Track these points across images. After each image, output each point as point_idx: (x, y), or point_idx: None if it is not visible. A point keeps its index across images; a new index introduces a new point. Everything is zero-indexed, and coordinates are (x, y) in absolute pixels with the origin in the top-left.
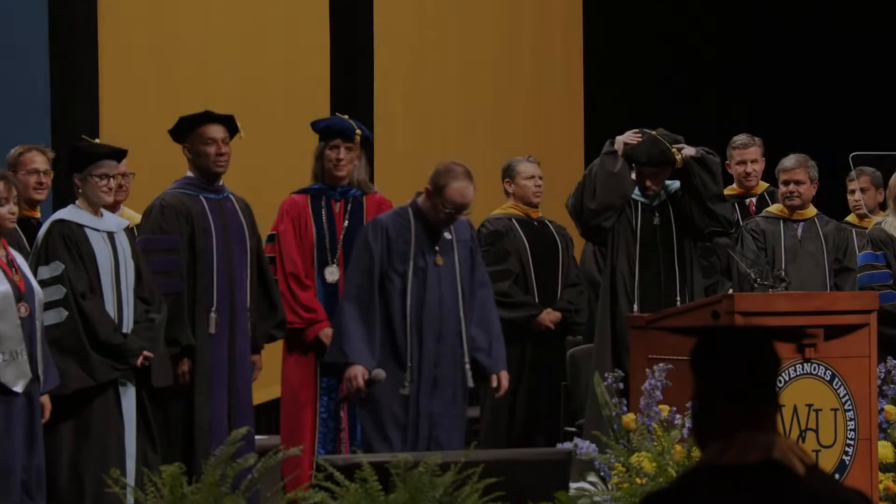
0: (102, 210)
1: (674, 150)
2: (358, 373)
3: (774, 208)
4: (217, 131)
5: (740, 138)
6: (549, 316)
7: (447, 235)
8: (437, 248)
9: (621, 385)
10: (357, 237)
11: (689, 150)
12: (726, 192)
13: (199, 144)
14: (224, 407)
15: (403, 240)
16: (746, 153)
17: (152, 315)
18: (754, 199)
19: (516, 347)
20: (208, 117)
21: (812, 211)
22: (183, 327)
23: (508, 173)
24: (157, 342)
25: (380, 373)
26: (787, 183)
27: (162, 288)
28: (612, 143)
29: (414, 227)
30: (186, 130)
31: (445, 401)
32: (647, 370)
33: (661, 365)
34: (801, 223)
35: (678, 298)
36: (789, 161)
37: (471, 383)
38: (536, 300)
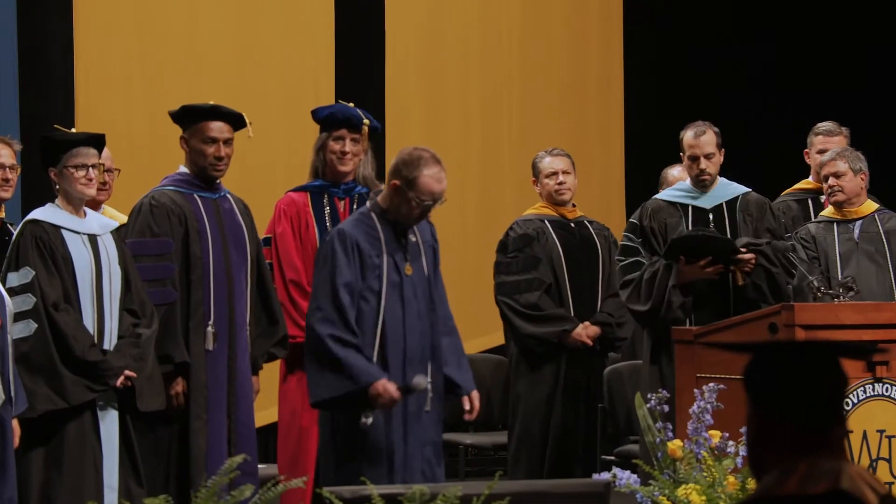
0: (86, 210)
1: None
2: (385, 385)
3: (828, 211)
4: (221, 130)
5: (826, 125)
6: (587, 331)
7: (412, 238)
8: (406, 255)
9: (666, 407)
10: (319, 251)
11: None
12: (799, 186)
13: (197, 141)
14: (223, 432)
15: (375, 252)
16: (831, 141)
17: (140, 330)
18: None
19: (549, 366)
20: (214, 112)
21: (869, 206)
22: (176, 343)
23: (533, 170)
24: (145, 360)
25: (421, 381)
26: (826, 178)
27: (152, 298)
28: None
29: (382, 234)
30: (187, 120)
31: (430, 427)
32: (696, 391)
33: (711, 385)
34: (857, 222)
35: (732, 310)
36: (829, 154)
37: (428, 407)
38: (572, 313)
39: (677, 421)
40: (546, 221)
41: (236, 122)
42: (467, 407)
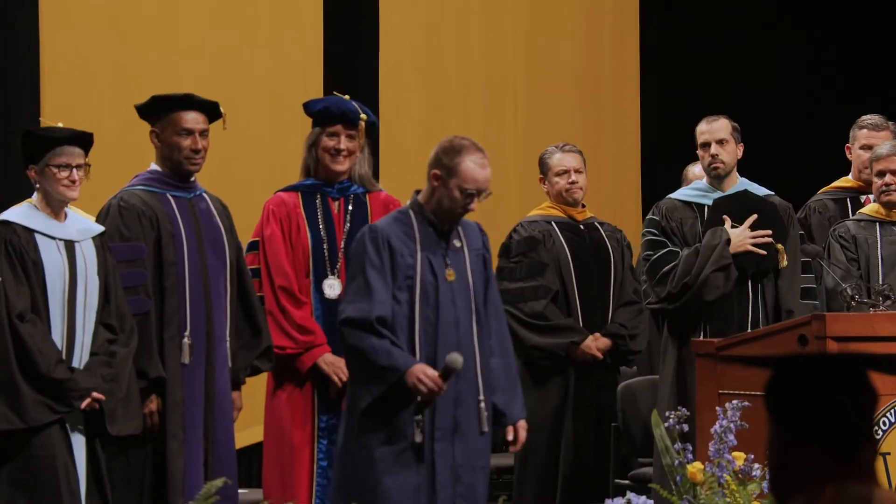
0: (67, 212)
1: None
2: (421, 371)
3: (870, 209)
4: (196, 121)
5: (871, 118)
6: (597, 343)
7: (456, 243)
8: (447, 259)
9: (685, 427)
10: (351, 250)
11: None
12: (838, 184)
13: (171, 134)
14: (200, 454)
15: (409, 251)
16: (877, 136)
17: (115, 347)
18: (871, 197)
19: (556, 381)
20: (188, 101)
21: None
22: (150, 357)
23: (541, 167)
24: (118, 381)
25: (457, 358)
26: (882, 174)
27: None
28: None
29: (419, 234)
30: (158, 112)
31: (469, 449)
32: (718, 408)
33: (734, 402)
34: None
35: (761, 320)
36: (884, 147)
37: (486, 427)
38: (580, 323)
39: (698, 442)
40: (553, 223)
41: (211, 112)
42: (510, 438)
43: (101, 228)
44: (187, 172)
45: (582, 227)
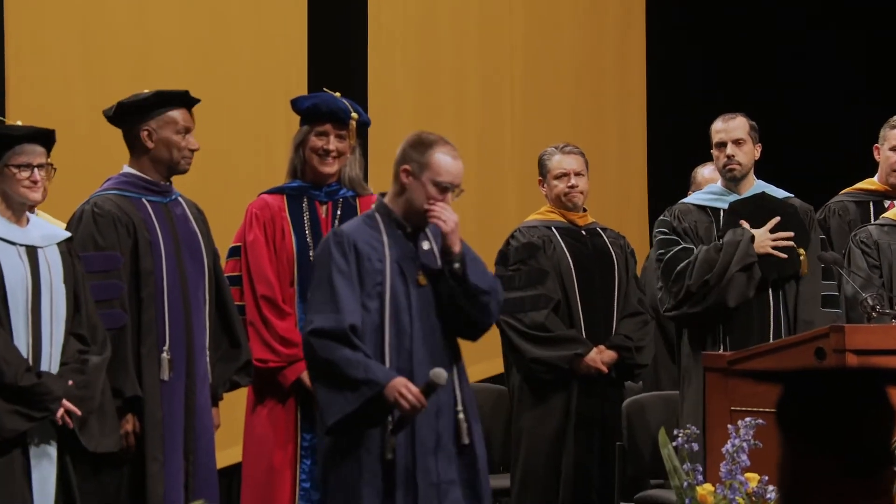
0: (30, 216)
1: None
2: (403, 385)
3: (893, 213)
4: (187, 118)
5: None
6: (601, 355)
7: (425, 245)
8: (417, 263)
9: (695, 446)
10: (316, 256)
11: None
12: (861, 185)
13: (167, 132)
14: (180, 477)
15: (377, 256)
16: None
17: (87, 357)
18: None
19: (557, 397)
20: (188, 99)
21: None
22: (126, 374)
23: (540, 169)
24: (91, 390)
25: (440, 373)
26: None
27: None
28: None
29: (387, 237)
30: (155, 109)
31: (452, 462)
32: (730, 426)
33: (747, 420)
34: None
35: (783, 331)
36: None
37: (465, 439)
38: (583, 334)
39: (708, 462)
40: (553, 228)
41: (189, 107)
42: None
43: (66, 234)
44: (181, 172)
45: (583, 232)
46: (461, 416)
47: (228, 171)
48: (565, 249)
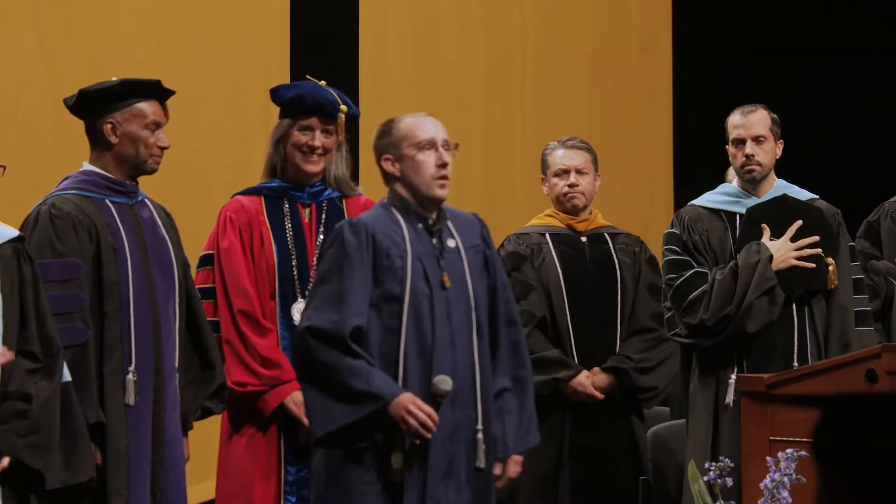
0: None
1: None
2: (411, 401)
3: None
4: (160, 113)
5: None
6: (594, 379)
7: (450, 242)
8: (440, 262)
9: (729, 481)
10: (325, 246)
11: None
12: None
13: (134, 126)
14: None
15: (398, 252)
16: None
17: (30, 389)
18: None
19: (548, 427)
20: (160, 90)
21: None
22: (88, 398)
23: (542, 165)
24: (45, 432)
25: (444, 379)
26: None
27: None
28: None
29: (407, 232)
30: (120, 100)
31: (464, 489)
32: (769, 459)
33: (788, 451)
34: None
35: (810, 351)
36: None
37: (481, 463)
38: (574, 356)
39: (744, 499)
40: (547, 235)
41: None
42: (498, 472)
43: (14, 233)
44: (148, 173)
45: (583, 239)
46: (480, 436)
47: (198, 170)
48: (556, 260)
